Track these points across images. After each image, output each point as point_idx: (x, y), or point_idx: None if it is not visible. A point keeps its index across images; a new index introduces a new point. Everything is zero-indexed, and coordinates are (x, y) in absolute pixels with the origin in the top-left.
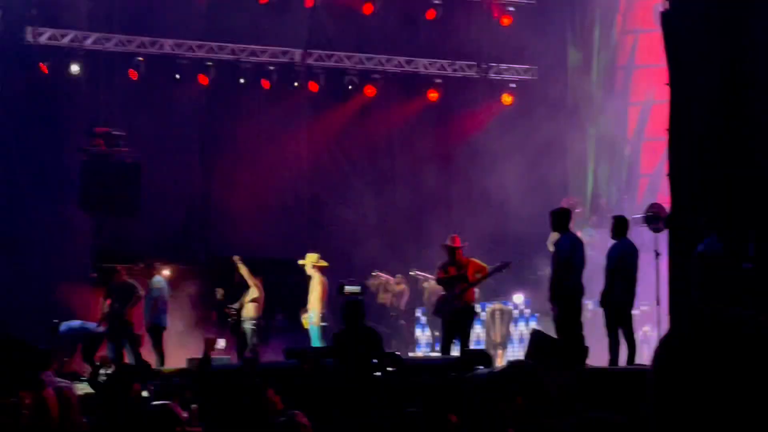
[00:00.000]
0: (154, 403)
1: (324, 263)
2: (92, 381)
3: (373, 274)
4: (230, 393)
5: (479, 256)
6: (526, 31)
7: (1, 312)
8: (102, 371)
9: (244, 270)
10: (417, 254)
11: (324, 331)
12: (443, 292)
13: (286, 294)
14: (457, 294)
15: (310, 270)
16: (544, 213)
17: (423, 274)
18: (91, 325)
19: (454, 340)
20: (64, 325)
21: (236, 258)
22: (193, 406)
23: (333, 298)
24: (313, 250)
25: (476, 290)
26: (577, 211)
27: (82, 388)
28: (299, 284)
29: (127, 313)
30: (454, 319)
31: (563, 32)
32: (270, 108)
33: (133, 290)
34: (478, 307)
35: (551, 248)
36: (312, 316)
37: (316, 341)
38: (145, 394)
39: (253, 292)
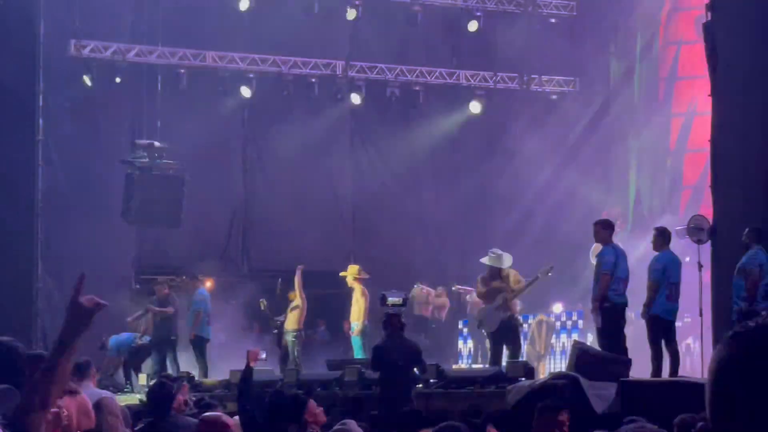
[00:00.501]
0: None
1: (365, 275)
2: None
3: (416, 286)
4: (272, 405)
5: (520, 268)
6: (568, 42)
7: (48, 325)
8: (145, 383)
9: (298, 280)
10: (459, 265)
11: (366, 342)
12: (484, 305)
13: (327, 306)
14: (501, 305)
15: (351, 282)
16: (585, 225)
17: (465, 288)
18: (135, 336)
19: (503, 352)
20: (113, 338)
21: (299, 267)
22: (235, 418)
23: (375, 310)
24: (355, 262)
25: (518, 301)
26: (617, 222)
27: (125, 400)
28: (341, 296)
29: (173, 330)
30: (500, 330)
31: (605, 44)
32: (312, 120)
33: (178, 308)
34: (520, 318)
35: (593, 260)
36: (354, 328)
37: (358, 353)
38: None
39: (296, 304)
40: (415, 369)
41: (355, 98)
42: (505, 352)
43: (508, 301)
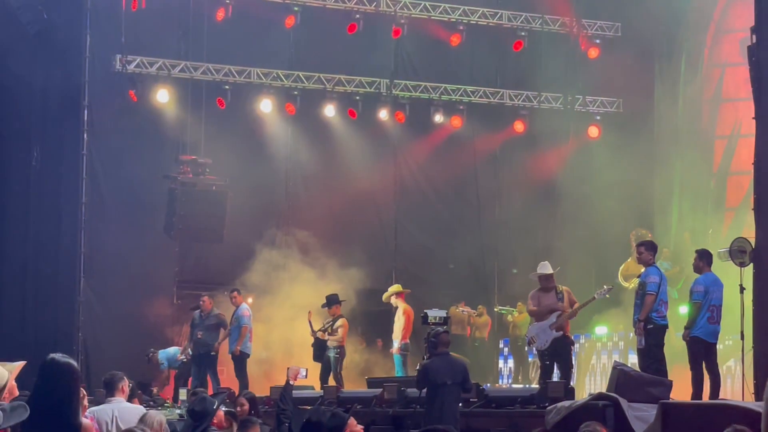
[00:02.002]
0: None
1: (405, 290)
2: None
3: (455, 307)
4: (311, 422)
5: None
6: (613, 63)
7: (89, 338)
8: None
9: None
10: (501, 283)
11: (406, 360)
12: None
13: (369, 322)
14: (554, 323)
15: (394, 300)
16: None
17: (505, 308)
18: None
19: (553, 371)
20: (163, 352)
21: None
22: None
23: (417, 327)
24: (396, 280)
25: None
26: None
27: (168, 415)
28: (383, 313)
29: (215, 345)
30: (551, 349)
31: (650, 65)
32: (355, 137)
33: (220, 323)
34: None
35: (623, 282)
36: (395, 345)
37: (399, 370)
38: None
39: (339, 324)
40: (459, 387)
41: (399, 116)
42: (556, 371)
43: (563, 319)
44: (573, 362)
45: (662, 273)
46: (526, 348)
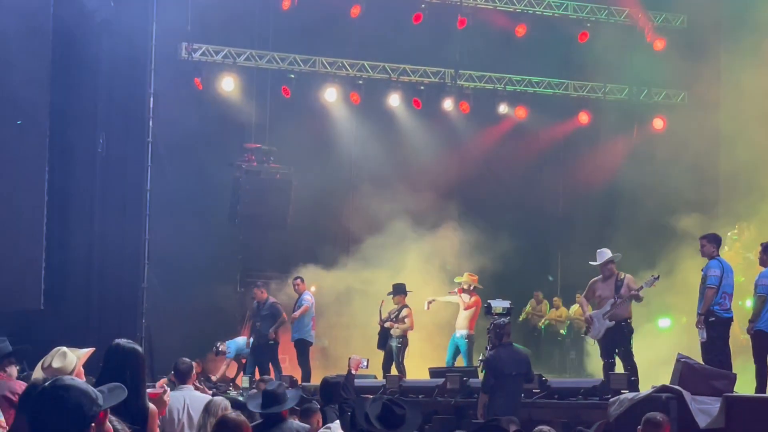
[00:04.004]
0: None
1: (472, 280)
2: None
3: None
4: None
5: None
6: (678, 55)
7: (153, 325)
8: (248, 385)
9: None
10: (564, 275)
11: (470, 349)
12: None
13: (432, 312)
14: (609, 311)
15: (462, 289)
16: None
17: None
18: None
19: (612, 360)
20: (231, 342)
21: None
22: (336, 422)
23: (481, 317)
24: (462, 271)
25: (629, 306)
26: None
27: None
28: (445, 303)
29: (271, 334)
30: (607, 339)
31: (716, 57)
32: (420, 127)
33: (273, 313)
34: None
35: None
36: (459, 335)
37: (462, 360)
38: None
39: (404, 314)
40: (522, 378)
41: (464, 107)
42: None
43: (616, 308)
44: (629, 350)
45: (725, 265)
46: (582, 335)
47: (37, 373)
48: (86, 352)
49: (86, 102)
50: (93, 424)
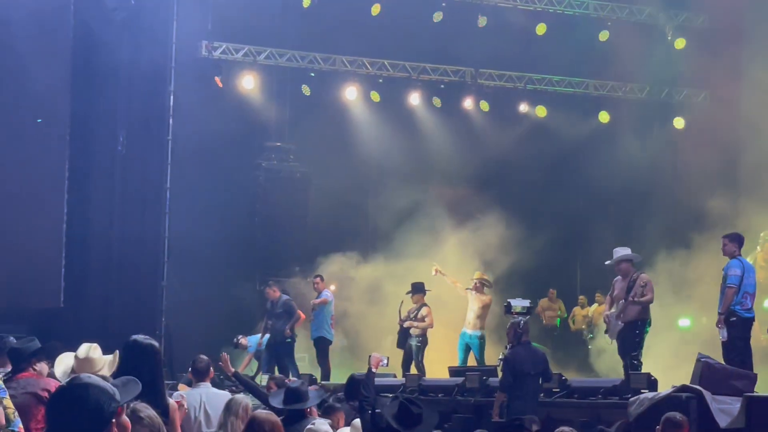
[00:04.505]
0: None
1: (485, 278)
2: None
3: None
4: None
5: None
6: (699, 54)
7: (173, 323)
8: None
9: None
10: (584, 274)
11: (483, 348)
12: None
13: (452, 311)
14: (619, 312)
15: (471, 287)
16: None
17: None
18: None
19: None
20: (251, 338)
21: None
22: (355, 421)
23: (497, 316)
24: (480, 269)
25: (640, 308)
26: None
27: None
28: (462, 300)
29: (287, 331)
30: (620, 339)
31: (737, 56)
32: (440, 125)
33: (287, 310)
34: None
35: None
36: (471, 334)
37: (474, 359)
38: None
39: (424, 313)
40: (539, 378)
41: (484, 105)
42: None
43: (624, 309)
44: (639, 352)
45: (746, 265)
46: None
47: (63, 364)
48: (114, 357)
49: (106, 100)
50: (113, 420)
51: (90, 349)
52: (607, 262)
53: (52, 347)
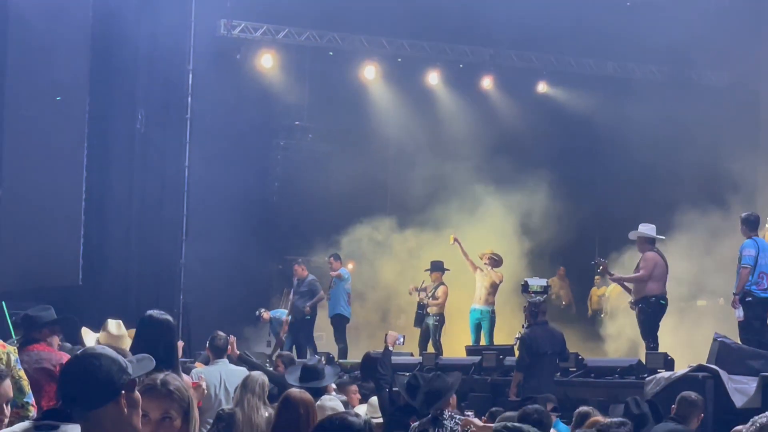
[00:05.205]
0: None
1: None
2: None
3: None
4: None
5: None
6: (720, 33)
7: (191, 301)
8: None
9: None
10: (603, 253)
11: (493, 323)
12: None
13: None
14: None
15: (480, 263)
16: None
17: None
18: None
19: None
20: (273, 312)
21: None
22: (372, 398)
23: (509, 295)
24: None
25: (644, 285)
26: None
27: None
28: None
29: (307, 309)
30: (638, 315)
31: (758, 35)
32: (459, 105)
33: (311, 290)
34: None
35: None
36: (484, 309)
37: (484, 337)
38: None
39: (441, 292)
40: (557, 357)
41: (502, 85)
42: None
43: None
44: (645, 329)
45: (761, 244)
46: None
47: (91, 337)
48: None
49: (125, 79)
50: (123, 391)
51: (119, 326)
52: (629, 234)
53: (67, 320)
